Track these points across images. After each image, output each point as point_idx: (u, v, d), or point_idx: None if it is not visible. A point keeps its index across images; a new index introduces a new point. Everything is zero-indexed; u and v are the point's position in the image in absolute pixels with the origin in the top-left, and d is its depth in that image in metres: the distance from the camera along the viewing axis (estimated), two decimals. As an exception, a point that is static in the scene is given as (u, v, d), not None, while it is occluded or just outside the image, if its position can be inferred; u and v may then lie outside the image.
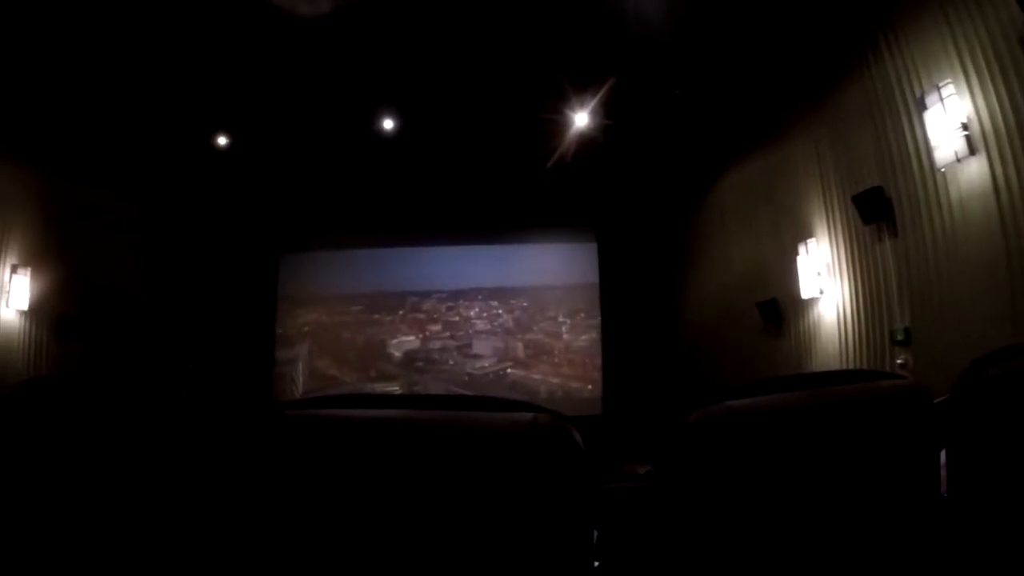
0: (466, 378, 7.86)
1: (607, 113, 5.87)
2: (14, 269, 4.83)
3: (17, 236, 4.93)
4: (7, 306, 4.76)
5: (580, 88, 5.52)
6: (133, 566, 0.94)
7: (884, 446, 0.86)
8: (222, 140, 6.24)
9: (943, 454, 0.95)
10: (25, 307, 4.88)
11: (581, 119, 5.93)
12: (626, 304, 7.97)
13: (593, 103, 5.69)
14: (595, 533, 0.95)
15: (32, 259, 5.02)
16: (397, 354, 7.98)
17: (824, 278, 4.72)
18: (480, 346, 8.00)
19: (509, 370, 7.95)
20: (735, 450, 0.80)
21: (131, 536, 0.95)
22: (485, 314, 8.07)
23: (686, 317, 7.82)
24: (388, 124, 6.10)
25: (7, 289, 4.77)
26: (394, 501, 0.72)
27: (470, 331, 8.03)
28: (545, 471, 0.73)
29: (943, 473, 0.95)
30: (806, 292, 4.88)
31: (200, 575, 0.94)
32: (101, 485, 0.96)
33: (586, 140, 6.25)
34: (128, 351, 6.25)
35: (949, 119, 3.30)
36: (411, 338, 8.01)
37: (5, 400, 1.04)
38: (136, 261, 6.61)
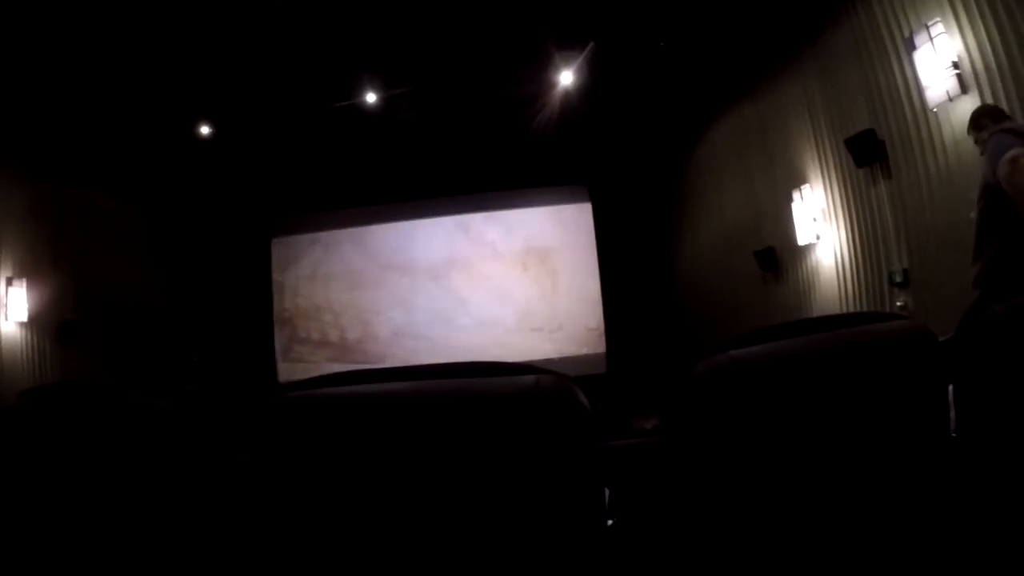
0: (462, 347, 7.74)
1: (594, 68, 5.76)
2: (9, 282, 4.78)
3: (10, 247, 4.87)
4: (7, 319, 4.72)
5: (565, 45, 5.40)
6: (142, 567, 0.94)
7: (891, 388, 0.86)
8: (205, 129, 6.11)
9: (950, 394, 0.95)
10: (25, 318, 4.84)
11: (567, 77, 5.84)
12: (623, 260, 7.94)
13: (579, 59, 5.58)
14: (607, 491, 0.96)
15: (27, 269, 4.97)
16: (386, 330, 7.92)
17: (820, 224, 4.71)
18: (476, 313, 7.93)
19: (508, 336, 7.88)
20: (741, 399, 0.80)
21: (140, 538, 0.95)
22: (480, 280, 7.98)
23: (683, 269, 7.83)
24: (369, 95, 5.95)
25: (4, 302, 4.71)
26: (404, 473, 0.73)
27: (464, 298, 7.96)
28: (551, 433, 0.73)
29: (952, 413, 0.95)
30: (802, 238, 4.87)
31: (212, 568, 0.95)
32: (109, 488, 0.96)
33: (574, 97, 6.14)
34: (131, 350, 6.26)
35: (939, 58, 3.25)
36: (400, 312, 7.93)
37: (7, 413, 1.04)
38: (132, 259, 6.58)
